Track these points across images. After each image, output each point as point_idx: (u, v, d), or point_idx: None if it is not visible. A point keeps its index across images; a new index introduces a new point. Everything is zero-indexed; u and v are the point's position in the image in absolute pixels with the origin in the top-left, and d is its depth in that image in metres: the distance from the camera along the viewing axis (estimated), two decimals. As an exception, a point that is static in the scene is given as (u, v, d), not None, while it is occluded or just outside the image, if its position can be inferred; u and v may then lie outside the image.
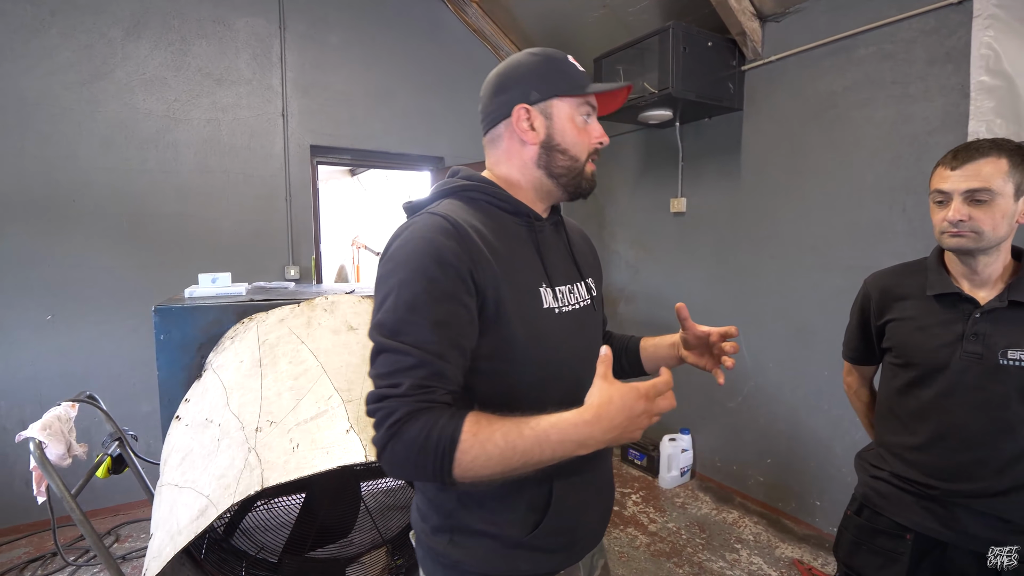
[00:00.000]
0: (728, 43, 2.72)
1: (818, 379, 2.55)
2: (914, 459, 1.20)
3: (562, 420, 0.68)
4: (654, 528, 2.69)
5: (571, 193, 0.90)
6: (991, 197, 1.05)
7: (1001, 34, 1.86)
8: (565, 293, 0.88)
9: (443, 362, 0.71)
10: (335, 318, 1.79)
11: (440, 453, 0.66)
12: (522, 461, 0.67)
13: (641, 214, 3.52)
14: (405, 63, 3.67)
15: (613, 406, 0.67)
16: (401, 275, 0.73)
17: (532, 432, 0.68)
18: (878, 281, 1.31)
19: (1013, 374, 1.08)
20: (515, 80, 0.86)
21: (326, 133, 3.45)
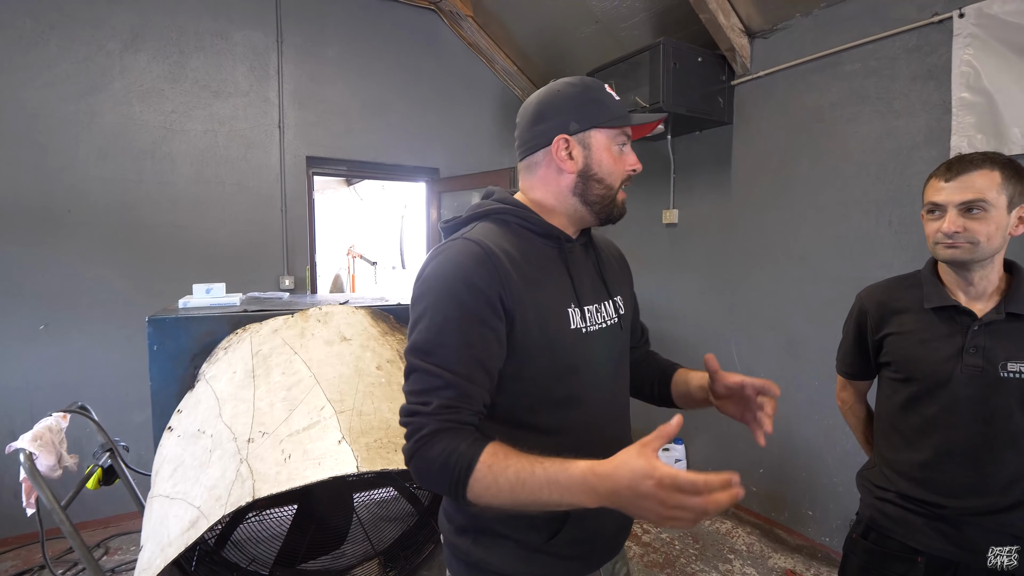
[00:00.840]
0: (718, 59, 2.78)
1: (808, 389, 2.57)
2: (920, 477, 1.18)
3: (574, 469, 0.66)
4: (647, 539, 2.69)
5: (603, 219, 0.93)
6: (985, 208, 1.06)
7: (980, 52, 1.91)
8: (593, 312, 0.91)
9: (470, 384, 0.75)
10: (329, 329, 1.80)
11: (456, 477, 0.71)
12: (531, 499, 0.69)
13: (634, 225, 3.56)
14: (401, 76, 3.72)
15: (622, 476, 0.62)
16: (433, 298, 0.78)
17: (544, 474, 0.68)
18: (873, 295, 1.30)
19: (1014, 386, 1.08)
20: (555, 110, 0.88)
21: (322, 144, 3.48)
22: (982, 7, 1.89)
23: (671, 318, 3.29)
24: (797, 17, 2.52)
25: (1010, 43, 1.83)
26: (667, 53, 2.58)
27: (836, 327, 2.50)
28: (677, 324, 3.24)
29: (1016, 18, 1.81)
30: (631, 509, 0.63)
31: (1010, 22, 1.83)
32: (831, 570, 2.39)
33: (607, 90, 0.90)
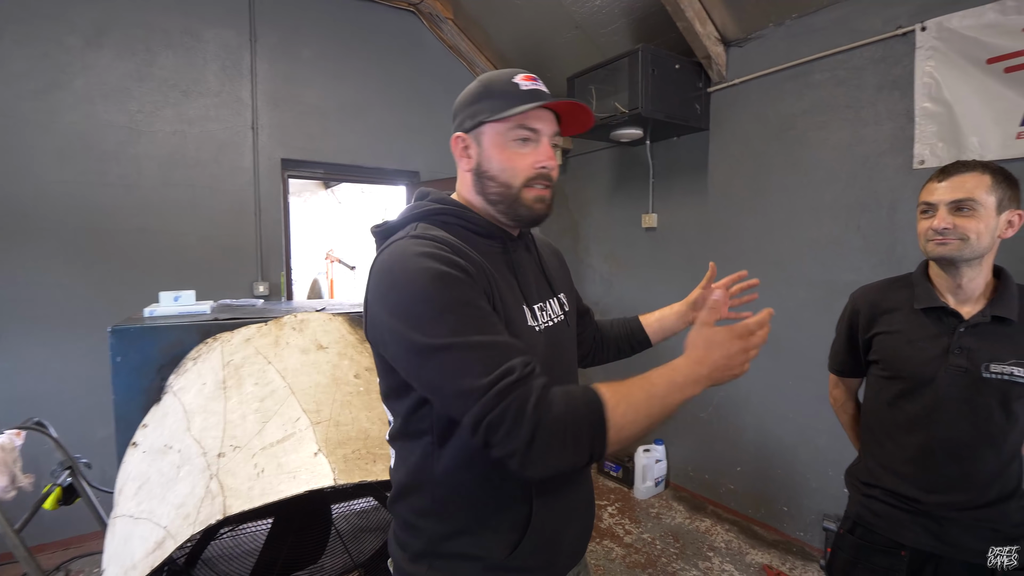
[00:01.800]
0: (695, 66, 2.81)
1: (783, 389, 2.62)
2: (904, 472, 1.21)
3: (679, 363, 0.75)
4: (629, 540, 2.70)
5: (512, 219, 0.87)
6: (974, 207, 1.10)
7: (941, 64, 1.97)
8: (540, 311, 0.90)
9: (517, 342, 0.74)
10: (304, 337, 1.76)
11: (595, 417, 0.68)
12: (660, 407, 0.72)
13: (614, 229, 3.58)
14: (380, 77, 3.67)
15: (713, 347, 0.75)
16: (424, 290, 0.71)
17: (660, 378, 0.73)
18: (866, 295, 1.34)
19: (995, 387, 1.12)
20: (458, 108, 0.89)
21: (298, 147, 3.41)
22: (942, 21, 1.95)
23: (649, 321, 3.31)
24: (770, 27, 2.57)
25: (968, 56, 1.90)
26: (645, 60, 2.60)
27: (809, 328, 2.54)
28: (655, 327, 3.27)
29: (973, 32, 1.88)
30: (725, 372, 0.75)
31: (968, 36, 1.89)
32: (806, 563, 2.44)
33: (514, 81, 0.85)
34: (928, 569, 1.18)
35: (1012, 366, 1.11)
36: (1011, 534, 1.13)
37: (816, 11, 2.38)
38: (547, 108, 0.85)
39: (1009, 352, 1.12)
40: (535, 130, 0.84)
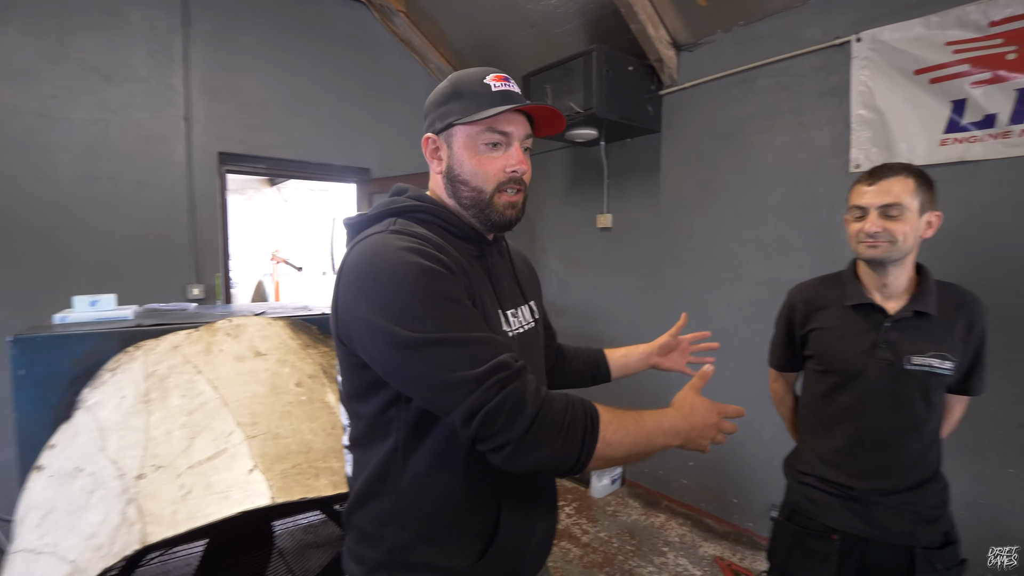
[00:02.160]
0: (647, 68, 2.84)
1: (732, 384, 2.68)
2: (836, 461, 1.28)
3: (668, 413, 0.79)
4: (587, 539, 2.70)
5: (484, 224, 0.85)
6: (901, 211, 1.16)
7: (874, 74, 2.06)
8: (512, 316, 0.89)
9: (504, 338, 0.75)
10: (240, 343, 1.64)
11: (590, 423, 0.70)
12: (645, 443, 0.74)
13: (570, 229, 3.58)
14: (328, 69, 3.52)
15: (698, 411, 0.80)
16: (409, 284, 0.70)
17: (650, 418, 0.77)
18: (801, 292, 1.41)
19: (917, 378, 1.19)
20: (428, 108, 0.87)
21: (237, 140, 3.22)
22: (875, 33, 2.04)
23: (606, 320, 3.33)
24: (719, 33, 2.62)
25: (898, 67, 2.00)
26: (600, 60, 2.60)
27: (756, 325, 2.61)
28: (611, 325, 3.29)
29: (902, 45, 1.98)
30: (697, 441, 0.79)
31: (898, 48, 1.99)
32: (755, 553, 2.51)
33: (485, 82, 0.82)
34: (857, 552, 1.25)
35: (931, 358, 1.18)
36: (930, 516, 1.21)
37: (761, 19, 2.44)
38: (519, 110, 0.83)
39: (929, 345, 1.19)
40: (506, 133, 0.82)
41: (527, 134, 0.85)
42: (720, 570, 2.40)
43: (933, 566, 1.18)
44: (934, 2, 1.90)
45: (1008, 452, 1.84)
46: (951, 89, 1.87)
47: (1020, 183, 1.78)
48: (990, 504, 1.88)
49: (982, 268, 1.86)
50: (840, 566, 1.24)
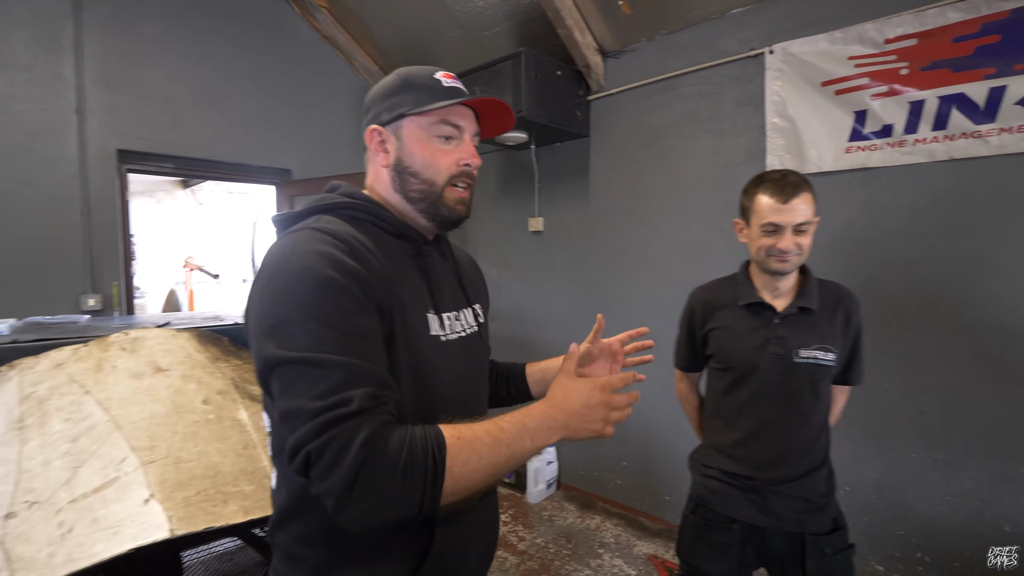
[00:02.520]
0: (575, 73, 2.88)
1: (661, 383, 2.74)
2: (737, 454, 1.33)
3: (533, 408, 0.72)
4: (523, 546, 2.67)
5: (433, 220, 0.83)
6: (809, 227, 1.23)
7: (786, 84, 2.20)
8: (452, 320, 0.84)
9: (381, 370, 0.66)
10: (137, 359, 1.49)
11: (431, 461, 0.61)
12: (507, 454, 0.67)
13: (502, 233, 3.56)
14: (243, 64, 3.30)
15: (572, 395, 0.72)
16: (298, 292, 0.65)
17: (510, 422, 0.68)
18: (700, 295, 1.47)
19: (804, 370, 1.27)
20: (373, 100, 0.84)
21: (140, 136, 2.95)
22: (786, 46, 2.18)
23: (538, 324, 3.34)
24: (643, 41, 2.71)
25: (807, 78, 2.14)
26: (528, 63, 2.60)
27: (682, 327, 2.65)
28: (544, 329, 3.30)
29: (810, 58, 2.12)
30: (584, 426, 0.72)
31: (806, 61, 2.13)
32: (685, 552, 2.58)
33: (435, 77, 0.82)
34: (755, 540, 1.31)
35: (816, 350, 1.26)
36: (819, 503, 1.28)
37: (682, 29, 2.54)
38: (468, 107, 0.83)
39: (814, 338, 1.27)
40: (458, 127, 0.81)
41: (476, 131, 0.85)
42: (654, 568, 2.45)
43: (822, 551, 1.25)
44: (837, 19, 2.05)
45: (910, 439, 2.00)
46: (854, 100, 2.02)
47: (914, 189, 1.95)
48: (897, 488, 2.03)
49: (883, 267, 2.02)
50: (740, 555, 1.30)
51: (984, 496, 1.85)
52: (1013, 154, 1.74)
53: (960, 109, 1.79)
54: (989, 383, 1.83)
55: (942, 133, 1.84)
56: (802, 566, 1.25)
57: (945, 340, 1.91)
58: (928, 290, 1.93)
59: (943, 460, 1.93)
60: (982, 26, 1.73)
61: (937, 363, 1.92)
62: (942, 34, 1.80)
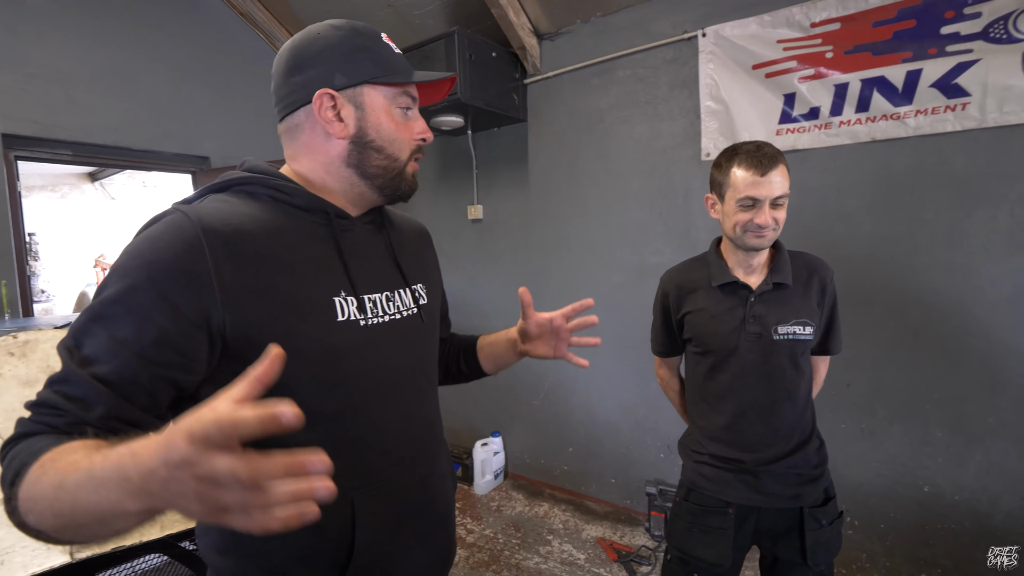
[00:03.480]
0: (511, 56, 2.82)
1: (604, 368, 2.78)
2: (726, 438, 1.31)
3: (131, 446, 0.44)
4: (472, 539, 2.63)
5: (388, 196, 0.79)
6: (785, 199, 1.20)
7: (719, 67, 2.23)
8: (379, 302, 0.75)
9: (100, 386, 0.55)
10: (29, 364, 1.32)
11: (6, 487, 0.51)
12: (71, 508, 0.46)
13: (441, 221, 3.47)
14: (151, 43, 3.01)
15: (154, 446, 0.41)
16: (107, 278, 0.61)
17: (88, 465, 0.45)
18: (672, 278, 1.41)
19: (784, 347, 1.24)
20: (315, 58, 0.72)
21: (30, 120, 2.64)
22: (718, 29, 2.22)
23: (481, 313, 3.28)
24: (578, 23, 2.68)
25: (738, 61, 2.18)
26: (462, 44, 2.52)
27: (625, 310, 2.71)
28: (487, 319, 3.25)
29: (741, 41, 2.16)
30: (164, 494, 0.41)
31: (737, 44, 2.17)
32: (634, 529, 2.63)
33: (384, 40, 0.75)
34: (750, 520, 1.30)
35: (794, 325, 1.25)
36: (812, 475, 1.28)
37: (617, 11, 2.54)
38: None
39: (791, 313, 1.25)
40: (415, 98, 0.78)
41: None
42: (603, 550, 2.48)
43: (819, 522, 1.26)
44: (766, 2, 2.10)
45: (839, 410, 2.11)
46: (783, 83, 2.08)
47: (840, 170, 2.03)
48: (829, 457, 2.13)
49: (814, 246, 2.07)
50: (735, 538, 1.28)
51: (906, 460, 1.98)
52: (928, 135, 1.84)
53: (880, 92, 1.88)
54: (909, 354, 1.95)
55: (864, 115, 1.92)
56: (800, 539, 1.25)
57: (870, 314, 2.02)
58: (854, 267, 2.03)
59: (870, 428, 2.05)
60: (899, 11, 1.82)
61: (863, 337, 2.03)
62: (863, 18, 1.88)
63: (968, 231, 1.82)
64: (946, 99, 1.78)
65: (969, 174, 1.81)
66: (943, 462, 1.90)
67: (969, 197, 1.81)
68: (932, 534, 1.92)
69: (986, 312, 1.81)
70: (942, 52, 1.77)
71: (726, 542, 1.27)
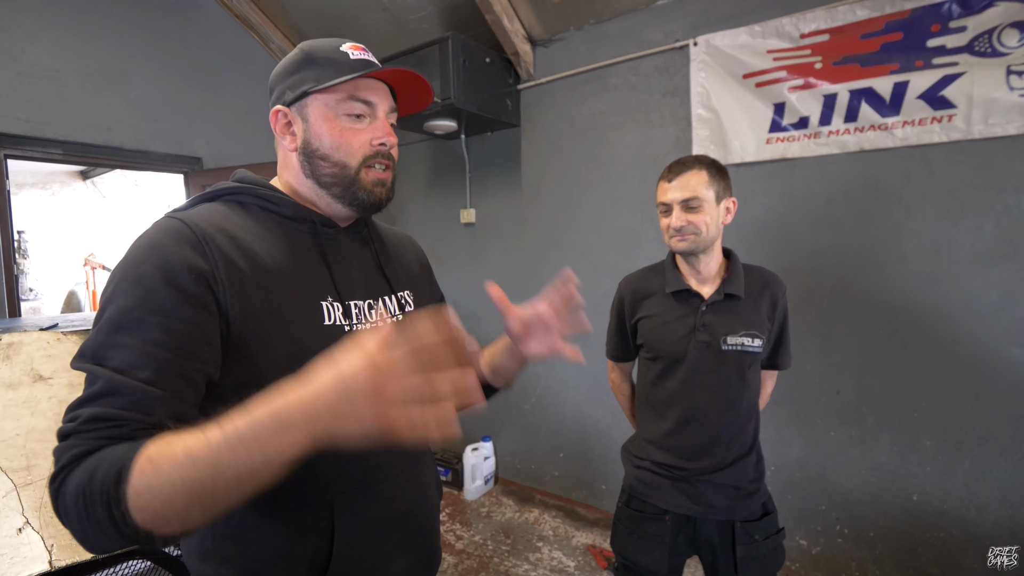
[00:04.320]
0: (504, 62, 2.83)
1: (596, 373, 2.78)
2: (667, 444, 1.33)
3: (268, 401, 0.48)
4: (461, 545, 2.62)
5: (350, 205, 0.77)
6: (700, 203, 1.24)
7: (710, 76, 2.25)
8: (364, 309, 0.77)
9: (152, 389, 0.56)
10: (12, 366, 1.31)
11: (106, 492, 0.48)
12: (212, 476, 0.47)
13: (433, 224, 3.47)
14: (144, 42, 3.00)
15: (325, 379, 0.47)
16: (114, 288, 0.61)
17: (219, 433, 0.47)
18: (629, 283, 1.45)
19: (732, 357, 1.27)
20: (276, 78, 0.77)
21: (19, 118, 2.62)
22: (709, 39, 2.24)
23: (473, 316, 3.28)
24: (571, 31, 2.70)
25: (729, 70, 2.20)
26: (456, 49, 2.52)
27: (614, 316, 2.67)
28: (479, 322, 3.24)
29: (732, 50, 2.18)
30: (344, 422, 0.46)
31: (728, 53, 2.19)
32: (623, 537, 2.62)
33: (343, 50, 0.75)
34: (687, 529, 1.31)
35: (743, 337, 1.27)
36: (748, 490, 1.29)
37: (610, 19, 2.55)
38: (381, 81, 0.77)
39: (740, 325, 1.28)
40: (370, 103, 0.75)
41: (392, 107, 0.79)
42: (593, 557, 2.47)
43: (752, 537, 1.27)
44: (756, 12, 2.12)
45: (828, 417, 2.12)
46: (773, 93, 2.10)
47: (829, 178, 2.05)
48: (818, 464, 2.15)
49: (802, 254, 2.12)
50: (673, 545, 1.30)
51: (894, 468, 1.99)
52: (915, 146, 1.87)
53: (868, 102, 1.90)
54: (898, 361, 1.97)
55: (853, 125, 1.95)
56: (732, 552, 1.26)
57: (858, 322, 2.03)
58: (842, 275, 2.05)
59: (859, 436, 2.06)
60: (886, 24, 1.84)
61: (851, 344, 2.05)
62: (851, 30, 1.91)
63: (955, 240, 1.84)
64: (932, 111, 1.80)
65: (955, 185, 1.83)
66: (931, 470, 1.92)
67: (955, 207, 1.83)
68: (921, 542, 1.93)
69: (973, 321, 1.82)
70: (928, 64, 1.79)
71: (663, 549, 1.29)
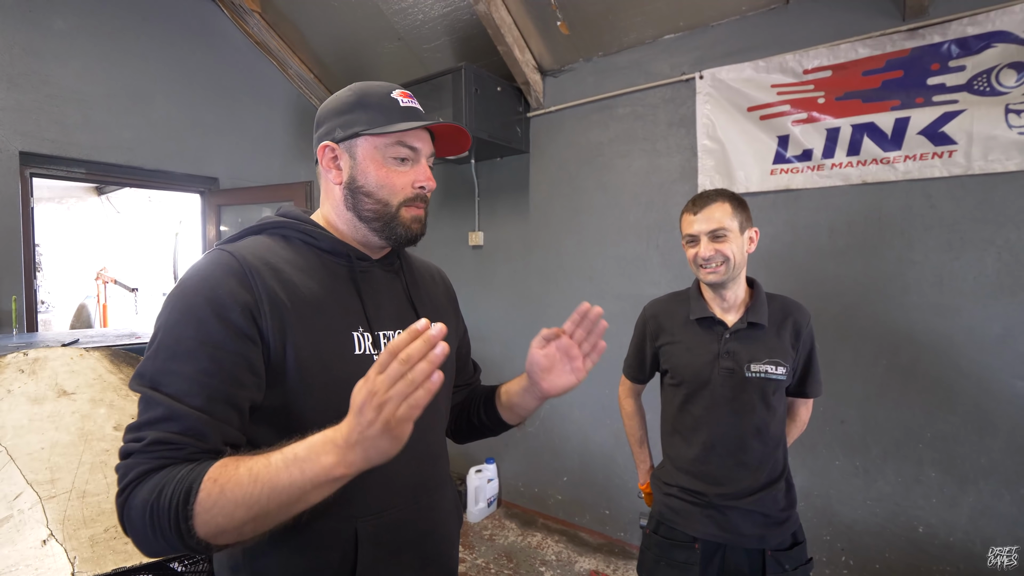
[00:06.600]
0: (515, 90, 2.92)
1: (600, 396, 2.80)
2: (694, 470, 1.33)
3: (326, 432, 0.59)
4: (464, 568, 2.61)
5: (388, 239, 0.83)
6: (725, 234, 1.28)
7: (715, 108, 2.32)
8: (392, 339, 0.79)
9: (204, 416, 0.62)
10: (38, 381, 1.35)
11: (175, 508, 0.56)
12: (269, 495, 0.56)
13: (442, 247, 3.53)
14: (166, 66, 3.12)
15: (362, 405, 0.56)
16: (168, 317, 0.67)
17: (281, 455, 0.58)
18: (654, 308, 1.49)
19: (756, 384, 1.29)
20: (326, 115, 0.83)
21: (47, 138, 2.71)
22: (715, 72, 2.31)
23: (480, 338, 3.31)
24: (580, 62, 2.78)
25: (734, 103, 2.27)
26: (469, 78, 2.61)
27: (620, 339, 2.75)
28: (485, 343, 3.28)
29: (737, 84, 2.25)
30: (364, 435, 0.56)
31: (733, 87, 2.26)
32: (627, 563, 2.60)
33: (393, 96, 0.81)
34: (717, 557, 1.31)
35: (766, 364, 1.30)
36: (778, 518, 1.29)
37: (618, 52, 2.64)
38: (424, 129, 0.83)
39: (764, 353, 1.31)
40: (415, 149, 0.81)
41: (432, 152, 0.85)
42: (596, 581, 2.46)
43: (782, 567, 1.27)
44: (760, 48, 2.20)
45: (833, 446, 2.12)
46: (777, 126, 2.16)
47: (832, 209, 2.10)
48: (822, 494, 2.15)
49: (806, 283, 2.16)
50: (702, 573, 1.29)
51: (899, 499, 1.99)
52: (916, 179, 1.91)
53: (870, 137, 1.96)
54: (901, 392, 1.98)
55: (855, 158, 2.00)
56: None
57: (862, 352, 2.05)
58: (846, 304, 2.08)
59: (863, 466, 2.06)
60: (887, 62, 1.91)
61: (855, 374, 2.06)
62: (853, 67, 1.97)
63: (957, 273, 1.87)
64: (933, 146, 1.85)
65: (956, 218, 1.87)
66: (936, 502, 1.91)
67: (957, 240, 1.87)
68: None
69: (976, 353, 1.84)
70: (929, 102, 1.85)
71: None
